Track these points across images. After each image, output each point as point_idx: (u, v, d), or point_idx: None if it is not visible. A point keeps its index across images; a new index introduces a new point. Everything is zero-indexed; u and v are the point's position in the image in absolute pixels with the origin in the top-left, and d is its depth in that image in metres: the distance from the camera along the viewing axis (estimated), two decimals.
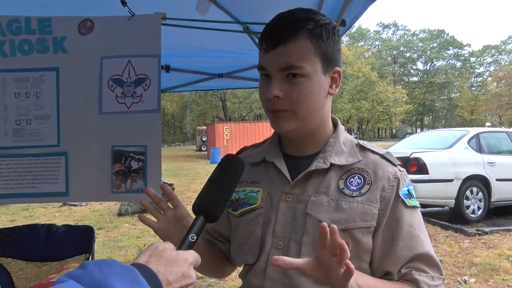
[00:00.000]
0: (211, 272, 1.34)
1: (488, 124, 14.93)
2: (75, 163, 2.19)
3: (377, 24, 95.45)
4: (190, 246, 0.84)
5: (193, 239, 0.85)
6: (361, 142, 1.16)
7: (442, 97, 66.93)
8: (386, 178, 1.07)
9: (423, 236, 1.05)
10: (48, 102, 2.19)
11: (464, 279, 4.79)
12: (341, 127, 1.18)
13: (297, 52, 1.00)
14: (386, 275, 1.05)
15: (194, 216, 0.94)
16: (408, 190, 1.08)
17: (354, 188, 1.06)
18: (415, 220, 1.06)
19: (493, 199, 7.75)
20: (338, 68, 1.09)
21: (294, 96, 1.02)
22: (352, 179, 1.08)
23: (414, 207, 1.07)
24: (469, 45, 75.07)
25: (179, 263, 0.76)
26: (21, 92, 2.19)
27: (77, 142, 2.19)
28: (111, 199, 2.30)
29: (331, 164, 1.08)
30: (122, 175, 2.19)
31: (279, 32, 1.02)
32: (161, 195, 1.20)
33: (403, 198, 1.05)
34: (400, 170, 1.10)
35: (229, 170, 0.99)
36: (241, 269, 1.20)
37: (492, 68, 64.44)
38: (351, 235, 1.03)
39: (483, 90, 63.57)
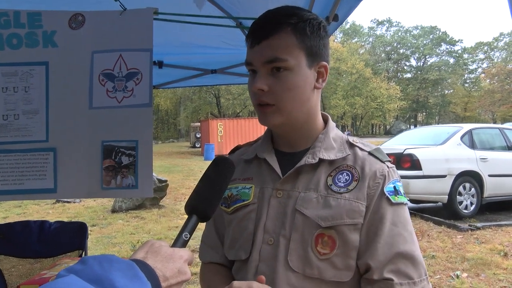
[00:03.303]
0: None
1: None
2: (64, 159, 2.15)
3: (371, 21, 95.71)
4: (184, 244, 0.85)
5: (186, 237, 0.86)
6: (351, 138, 1.17)
7: (436, 94, 67.17)
8: (373, 175, 1.07)
9: (406, 234, 1.04)
10: (37, 97, 2.15)
11: (457, 274, 4.84)
12: (332, 124, 1.19)
13: (281, 45, 1.03)
14: (367, 272, 1.03)
15: None
16: (394, 187, 1.08)
17: (342, 184, 1.07)
18: (399, 217, 1.05)
19: (485, 194, 7.83)
20: (324, 63, 1.10)
21: (278, 89, 1.04)
22: (341, 176, 1.08)
23: (400, 204, 1.07)
24: (461, 41, 75.50)
25: (175, 259, 0.77)
26: (9, 87, 2.15)
27: (66, 138, 2.15)
28: (100, 196, 2.23)
29: (320, 160, 1.09)
30: (112, 171, 2.14)
31: (264, 27, 1.05)
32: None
33: (388, 195, 1.05)
34: (388, 167, 1.10)
35: (220, 170, 1.00)
36: (234, 265, 1.21)
37: (485, 65, 64.92)
38: (338, 232, 1.03)
39: (476, 87, 63.91)
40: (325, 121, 1.20)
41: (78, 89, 2.14)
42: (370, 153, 1.12)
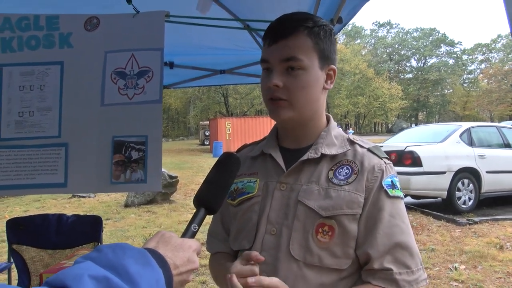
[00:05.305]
0: None
1: None
2: (75, 154, 2.19)
3: (373, 23, 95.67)
4: (193, 235, 0.88)
5: (195, 229, 0.89)
6: (351, 136, 1.23)
7: (436, 93, 67.19)
8: (371, 169, 1.13)
9: (404, 226, 1.09)
10: (51, 95, 2.21)
11: (455, 266, 4.95)
12: (333, 123, 1.26)
13: (297, 46, 1.10)
14: (368, 263, 1.09)
15: None
16: (391, 181, 1.13)
17: (342, 178, 1.13)
18: (396, 210, 1.10)
19: (483, 190, 7.95)
20: (333, 66, 1.18)
21: (292, 86, 1.11)
22: (341, 170, 1.14)
23: (396, 197, 1.12)
24: (460, 43, 75.50)
25: (185, 249, 0.80)
26: (25, 85, 2.22)
27: (78, 133, 2.20)
28: (109, 190, 2.27)
29: (322, 155, 1.16)
30: (122, 165, 2.18)
31: (282, 29, 1.13)
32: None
33: (386, 189, 1.11)
34: (385, 163, 1.16)
35: (226, 165, 1.04)
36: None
37: (483, 66, 64.79)
38: (338, 222, 1.09)
39: (474, 87, 63.96)
40: (328, 120, 1.26)
41: (91, 86, 2.20)
42: (369, 150, 1.18)
